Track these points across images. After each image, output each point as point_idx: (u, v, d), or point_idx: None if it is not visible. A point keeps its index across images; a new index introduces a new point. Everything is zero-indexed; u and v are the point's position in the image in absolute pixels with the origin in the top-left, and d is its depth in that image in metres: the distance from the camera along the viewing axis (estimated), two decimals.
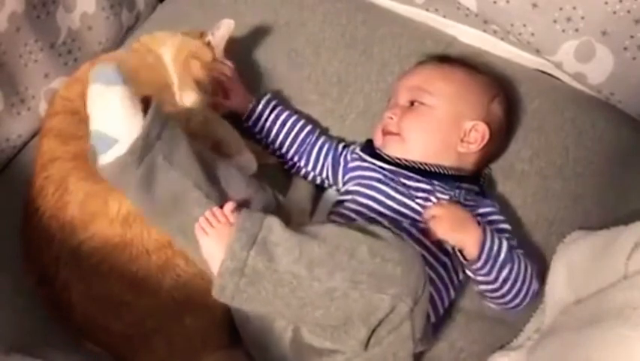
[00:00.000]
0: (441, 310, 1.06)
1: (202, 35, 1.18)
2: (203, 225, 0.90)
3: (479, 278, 1.04)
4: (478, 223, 1.02)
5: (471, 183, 1.14)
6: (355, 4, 1.39)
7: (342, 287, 0.85)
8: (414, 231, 1.06)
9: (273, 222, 0.89)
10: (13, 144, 1.19)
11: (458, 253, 1.03)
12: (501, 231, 1.09)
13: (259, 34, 1.35)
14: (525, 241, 1.16)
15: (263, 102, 1.21)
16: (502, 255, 1.02)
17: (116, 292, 0.96)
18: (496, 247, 1.01)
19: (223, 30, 1.16)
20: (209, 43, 1.17)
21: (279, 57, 1.33)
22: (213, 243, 0.89)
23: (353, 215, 1.08)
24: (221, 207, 0.92)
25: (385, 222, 1.05)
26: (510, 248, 1.03)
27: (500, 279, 1.03)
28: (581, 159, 1.22)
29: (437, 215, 1.03)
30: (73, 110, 1.05)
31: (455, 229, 1.02)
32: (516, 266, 1.03)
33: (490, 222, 1.09)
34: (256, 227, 0.88)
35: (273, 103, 1.21)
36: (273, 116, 1.20)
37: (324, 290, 0.85)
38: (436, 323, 1.05)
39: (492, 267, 1.02)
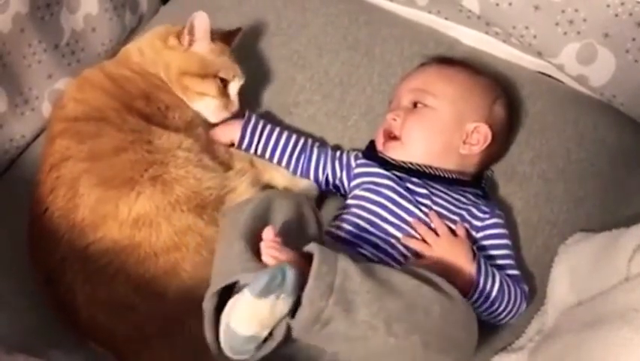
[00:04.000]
0: None
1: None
2: (271, 254, 0.86)
3: None
4: (474, 255, 1.03)
5: (473, 187, 1.14)
6: (357, 6, 1.40)
7: (416, 346, 0.85)
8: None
9: (348, 266, 0.85)
10: (16, 145, 1.19)
11: None
12: (501, 247, 1.09)
13: (262, 35, 1.36)
14: (526, 244, 1.16)
15: (250, 129, 1.18)
16: (494, 293, 1.02)
17: (121, 294, 0.96)
18: (488, 287, 1.02)
19: (199, 23, 1.14)
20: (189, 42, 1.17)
21: (282, 58, 1.33)
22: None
23: (359, 221, 1.08)
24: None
25: (391, 230, 1.06)
26: (501, 283, 1.03)
27: (489, 310, 1.04)
28: (583, 161, 1.22)
29: (431, 243, 1.04)
30: (101, 118, 1.06)
31: (446, 266, 1.02)
32: (506, 299, 1.03)
33: (491, 237, 1.09)
34: (332, 273, 0.84)
35: (259, 128, 1.19)
36: (262, 143, 1.19)
37: (397, 347, 0.85)
38: None
39: (482, 304, 1.03)
